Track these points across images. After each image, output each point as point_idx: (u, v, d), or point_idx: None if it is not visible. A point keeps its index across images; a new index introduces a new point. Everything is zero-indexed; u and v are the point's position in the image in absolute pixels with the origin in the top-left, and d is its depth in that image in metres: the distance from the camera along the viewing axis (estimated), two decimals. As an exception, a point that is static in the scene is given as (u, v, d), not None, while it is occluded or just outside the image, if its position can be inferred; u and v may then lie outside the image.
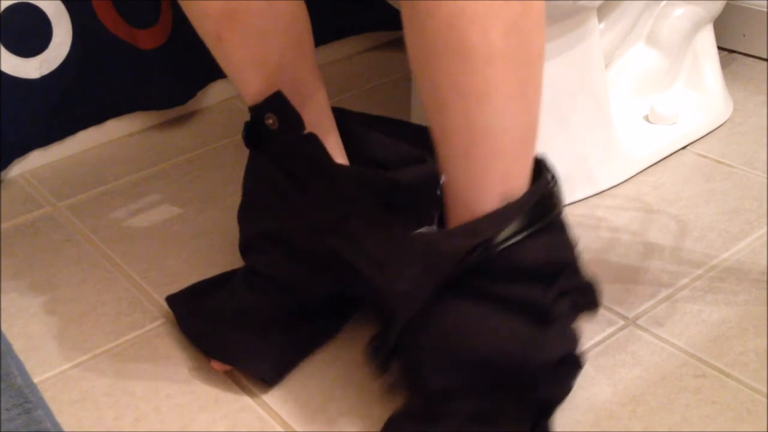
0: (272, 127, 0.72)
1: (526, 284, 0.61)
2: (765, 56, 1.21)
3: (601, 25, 0.98)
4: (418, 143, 0.74)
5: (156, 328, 0.82)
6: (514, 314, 0.61)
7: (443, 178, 0.62)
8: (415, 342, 0.63)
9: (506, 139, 0.59)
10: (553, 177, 0.63)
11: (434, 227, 0.63)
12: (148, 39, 1.11)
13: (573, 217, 0.91)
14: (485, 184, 0.60)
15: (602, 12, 0.98)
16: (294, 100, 0.72)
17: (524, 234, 0.60)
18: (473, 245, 0.59)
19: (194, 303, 0.80)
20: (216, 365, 0.75)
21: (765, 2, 1.19)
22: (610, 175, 0.96)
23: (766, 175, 0.96)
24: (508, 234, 0.59)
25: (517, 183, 0.60)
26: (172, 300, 0.81)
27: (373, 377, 0.72)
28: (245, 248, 0.78)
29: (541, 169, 0.63)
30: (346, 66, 1.31)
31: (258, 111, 0.72)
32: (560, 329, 0.63)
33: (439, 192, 0.64)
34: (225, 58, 0.73)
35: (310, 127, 0.72)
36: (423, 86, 0.60)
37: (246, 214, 0.78)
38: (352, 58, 1.33)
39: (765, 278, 0.81)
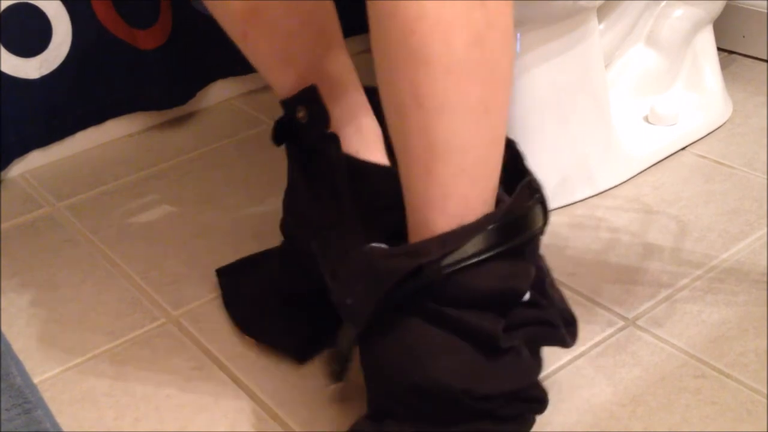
0: (302, 120, 0.69)
1: (476, 311, 0.58)
2: (765, 57, 1.21)
3: (601, 26, 0.98)
4: None
5: (156, 328, 0.82)
6: (461, 341, 0.58)
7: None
8: (365, 354, 0.63)
9: (468, 158, 0.56)
10: (534, 197, 0.59)
11: (382, 244, 0.60)
12: (147, 39, 1.11)
13: (573, 217, 0.92)
14: (445, 204, 0.57)
15: (602, 12, 0.98)
16: (326, 96, 0.69)
17: (479, 258, 0.57)
18: (414, 266, 0.56)
19: (237, 279, 0.84)
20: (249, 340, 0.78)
21: (765, 3, 1.19)
22: (610, 176, 0.96)
23: (766, 176, 0.96)
24: (458, 258, 0.57)
25: (478, 204, 0.58)
26: (221, 272, 0.86)
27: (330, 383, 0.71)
28: (282, 228, 0.79)
29: (522, 186, 0.60)
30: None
31: (290, 104, 0.71)
32: (512, 361, 0.60)
33: None
34: (252, 55, 0.72)
35: (344, 123, 0.70)
36: (384, 92, 0.58)
37: (286, 194, 0.77)
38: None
39: (765, 279, 0.81)
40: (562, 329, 0.63)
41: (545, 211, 0.60)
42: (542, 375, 0.72)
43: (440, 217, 0.57)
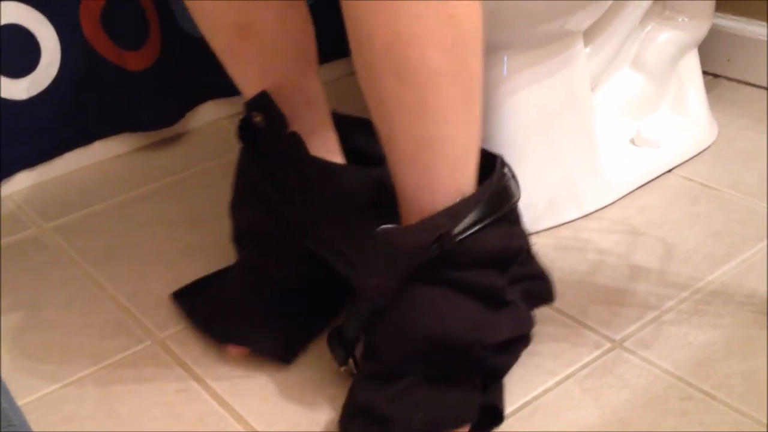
0: (259, 124, 0.75)
1: (481, 271, 0.66)
2: (749, 81, 1.22)
3: (588, 49, 0.99)
4: None
5: (141, 350, 0.81)
6: (470, 298, 0.66)
7: None
8: (378, 325, 0.68)
9: (449, 146, 0.64)
10: (506, 173, 0.69)
11: (395, 225, 0.67)
12: (136, 60, 1.11)
13: (559, 239, 0.92)
14: (434, 186, 0.65)
15: (588, 36, 0.99)
16: (295, 107, 0.76)
17: (479, 226, 0.65)
18: (434, 238, 0.64)
19: (198, 295, 0.84)
20: (232, 350, 0.78)
21: (749, 28, 1.20)
22: (597, 198, 0.96)
23: (750, 198, 0.96)
24: (464, 226, 0.65)
25: (464, 183, 0.66)
26: (176, 295, 0.86)
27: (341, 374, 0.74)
28: (236, 241, 0.82)
29: (495, 164, 0.68)
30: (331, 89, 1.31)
31: (247, 108, 0.76)
32: (512, 312, 0.69)
33: None
34: (234, 65, 0.77)
35: (312, 134, 0.77)
36: (369, 99, 0.65)
37: (234, 207, 0.81)
38: (335, 82, 1.34)
39: (750, 301, 0.81)
40: (550, 281, 0.73)
41: (517, 183, 0.70)
42: (530, 397, 0.72)
43: (430, 199, 0.65)
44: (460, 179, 0.66)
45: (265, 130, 0.75)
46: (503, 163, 0.69)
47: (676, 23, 1.06)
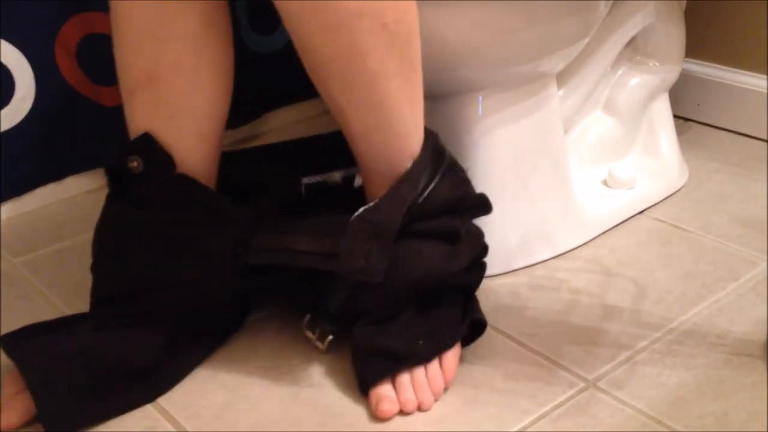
0: (136, 170, 0.75)
1: (441, 219, 0.77)
2: (719, 125, 1.24)
3: (561, 92, 1.01)
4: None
5: (110, 387, 0.80)
6: (436, 242, 0.77)
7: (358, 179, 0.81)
8: (364, 287, 0.76)
9: (401, 125, 0.73)
10: (431, 131, 0.78)
11: (363, 207, 0.73)
12: (111, 96, 1.11)
13: (533, 278, 0.92)
14: (391, 158, 0.74)
15: (561, 79, 1.01)
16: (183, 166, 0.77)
17: (433, 184, 0.76)
18: (404, 211, 0.74)
19: (39, 347, 0.75)
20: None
21: (719, 73, 1.23)
22: (570, 238, 0.97)
23: (720, 240, 0.98)
24: (421, 188, 0.75)
25: (414, 148, 0.75)
26: (6, 340, 0.75)
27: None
28: (104, 300, 0.78)
29: (426, 131, 0.77)
30: (305, 126, 1.32)
31: (121, 153, 0.76)
32: (468, 240, 0.80)
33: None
34: (129, 116, 0.78)
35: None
36: (324, 99, 0.73)
37: (104, 267, 0.79)
38: (313, 119, 1.34)
39: (721, 342, 0.82)
40: (485, 198, 0.83)
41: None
42: (503, 437, 0.72)
43: (388, 168, 0.75)
44: (411, 146, 0.75)
45: (144, 175, 0.75)
46: (428, 129, 0.78)
47: (647, 68, 1.08)
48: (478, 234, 0.83)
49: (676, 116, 1.20)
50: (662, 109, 1.10)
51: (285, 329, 0.86)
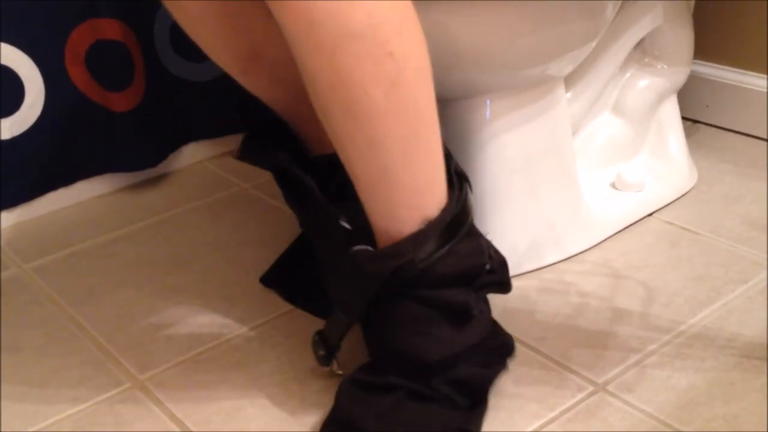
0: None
1: (450, 289, 0.70)
2: (728, 126, 1.24)
3: (569, 94, 1.00)
4: None
5: (120, 393, 0.80)
6: (437, 314, 0.71)
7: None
8: (367, 332, 0.74)
9: (408, 176, 0.67)
10: (464, 190, 0.71)
11: (367, 247, 0.70)
12: (121, 101, 1.12)
13: (542, 281, 0.92)
14: (396, 213, 0.68)
15: (569, 81, 1.00)
16: (305, 116, 0.78)
17: (444, 249, 0.69)
18: (393, 267, 0.68)
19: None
20: None
21: (728, 74, 1.23)
22: (579, 241, 0.97)
23: (729, 242, 0.97)
24: (428, 251, 0.68)
25: (429, 208, 0.68)
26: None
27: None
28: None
29: (458, 177, 0.72)
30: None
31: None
32: (476, 323, 0.73)
33: None
34: (250, 86, 0.80)
35: (319, 143, 0.79)
36: (327, 132, 0.67)
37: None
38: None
39: (731, 345, 0.82)
40: (510, 284, 0.77)
41: (471, 190, 0.74)
42: (512, 441, 0.72)
43: (393, 225, 0.68)
44: (423, 205, 0.68)
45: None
46: (458, 173, 0.72)
47: (656, 69, 1.08)
48: (488, 320, 0.76)
49: (684, 118, 1.19)
50: (671, 110, 1.10)
51: (293, 334, 0.86)
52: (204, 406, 0.78)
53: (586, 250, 0.97)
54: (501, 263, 0.76)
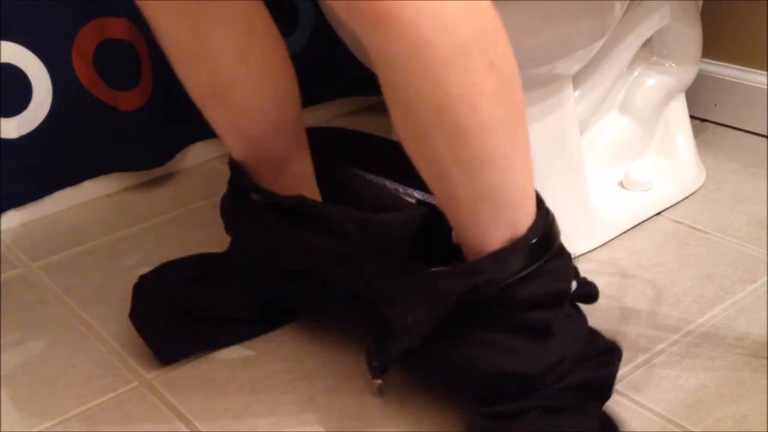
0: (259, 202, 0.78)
1: (531, 312, 0.67)
2: (736, 125, 1.23)
3: (576, 93, 1.00)
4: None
5: (128, 391, 0.80)
6: (517, 337, 0.67)
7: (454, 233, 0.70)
8: (440, 360, 0.70)
9: (510, 191, 0.64)
10: (548, 212, 0.68)
11: (443, 267, 0.67)
12: (128, 101, 1.12)
13: (550, 281, 0.92)
14: (496, 232, 0.65)
15: (577, 80, 1.00)
16: (272, 167, 0.79)
17: (524, 273, 0.65)
18: (469, 286, 0.64)
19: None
20: None
21: (736, 73, 1.22)
22: (586, 240, 0.96)
23: (738, 241, 0.97)
24: (510, 272, 0.65)
25: (524, 224, 0.66)
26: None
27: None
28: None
29: (538, 206, 0.68)
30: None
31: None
32: (561, 335, 0.69)
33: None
34: (210, 121, 0.80)
35: (289, 191, 0.78)
36: (418, 160, 0.64)
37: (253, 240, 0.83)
38: (330, 122, 1.34)
39: (740, 344, 0.81)
40: (597, 296, 0.73)
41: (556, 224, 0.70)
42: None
43: (491, 242, 0.65)
44: (519, 222, 0.66)
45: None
46: (542, 201, 0.69)
47: (664, 68, 1.07)
48: (582, 330, 0.72)
49: (692, 117, 1.19)
50: (679, 109, 1.10)
51: (300, 333, 0.86)
52: (211, 405, 0.78)
53: (594, 249, 0.97)
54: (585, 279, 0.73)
